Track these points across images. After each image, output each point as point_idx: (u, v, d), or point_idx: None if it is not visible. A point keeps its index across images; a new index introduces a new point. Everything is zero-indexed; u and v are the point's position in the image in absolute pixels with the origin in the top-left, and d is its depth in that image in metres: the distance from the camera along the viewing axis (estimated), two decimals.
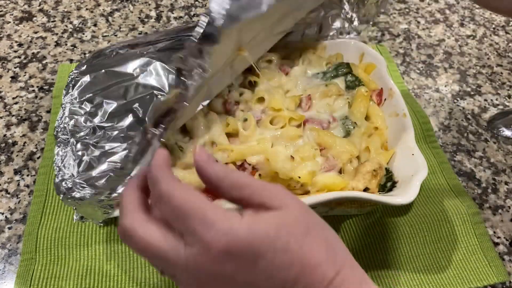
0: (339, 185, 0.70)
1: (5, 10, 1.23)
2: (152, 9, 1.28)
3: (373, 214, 0.84)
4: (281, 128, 0.74)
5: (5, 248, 0.76)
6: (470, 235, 0.81)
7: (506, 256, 0.80)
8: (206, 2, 1.32)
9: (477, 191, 0.90)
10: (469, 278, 0.76)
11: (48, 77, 1.05)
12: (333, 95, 0.81)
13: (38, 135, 0.93)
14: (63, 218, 0.79)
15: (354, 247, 0.79)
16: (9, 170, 0.87)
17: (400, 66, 1.15)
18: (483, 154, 0.96)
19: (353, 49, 0.93)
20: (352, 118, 0.79)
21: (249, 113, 0.76)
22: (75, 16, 1.23)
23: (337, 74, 0.85)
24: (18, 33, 1.16)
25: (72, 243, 0.76)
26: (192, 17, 1.26)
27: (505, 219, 0.86)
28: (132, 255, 0.76)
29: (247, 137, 0.73)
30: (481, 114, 1.05)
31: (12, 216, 0.80)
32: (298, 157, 0.70)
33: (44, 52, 1.11)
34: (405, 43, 1.22)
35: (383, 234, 0.81)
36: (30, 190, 0.83)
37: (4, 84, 1.03)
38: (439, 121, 1.02)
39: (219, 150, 0.71)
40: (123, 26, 1.21)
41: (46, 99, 1.00)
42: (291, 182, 0.68)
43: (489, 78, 1.14)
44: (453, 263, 0.78)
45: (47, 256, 0.74)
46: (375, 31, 1.26)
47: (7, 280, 0.73)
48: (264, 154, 0.70)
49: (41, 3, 1.26)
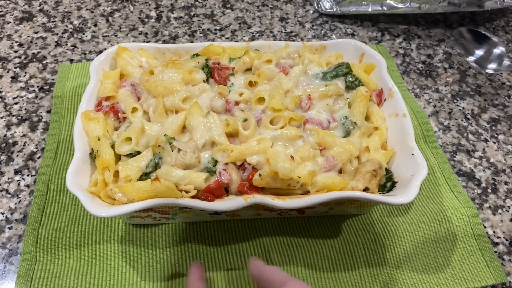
0: (339, 185, 0.70)
1: (6, 10, 1.23)
2: (152, 9, 1.28)
3: (373, 213, 0.84)
4: (281, 128, 0.74)
5: (5, 248, 0.76)
6: (469, 236, 0.81)
7: (506, 256, 0.81)
8: (206, 2, 1.32)
9: (477, 191, 0.90)
10: (467, 278, 0.76)
11: (49, 77, 1.05)
12: (333, 95, 0.81)
13: (39, 135, 0.93)
14: (63, 218, 0.79)
15: (353, 246, 0.79)
16: (10, 170, 0.87)
17: (400, 66, 1.15)
18: (483, 154, 0.97)
19: (353, 49, 0.93)
20: (352, 118, 0.79)
21: (249, 113, 0.76)
22: (75, 16, 1.23)
23: (337, 74, 0.85)
24: (18, 33, 1.16)
25: (72, 243, 0.76)
26: (192, 17, 1.26)
27: (505, 219, 0.86)
28: (131, 255, 0.76)
29: (247, 137, 0.73)
30: (481, 114, 1.05)
31: (13, 216, 0.80)
32: (298, 157, 0.70)
33: (44, 52, 1.11)
34: (405, 43, 1.23)
35: (382, 233, 0.81)
36: (30, 190, 0.84)
37: (5, 84, 1.03)
38: (439, 121, 1.02)
39: (219, 150, 0.71)
40: (123, 26, 1.21)
41: (47, 99, 1.00)
42: (291, 182, 0.68)
43: (489, 78, 1.14)
44: (452, 263, 0.78)
45: (47, 256, 0.74)
46: (375, 31, 1.26)
47: (8, 280, 0.73)
48: (264, 154, 0.70)
49: (42, 3, 1.26)
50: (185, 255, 0.76)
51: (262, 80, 0.83)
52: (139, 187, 0.66)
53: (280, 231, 0.81)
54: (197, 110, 0.75)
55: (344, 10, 1.26)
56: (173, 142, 0.70)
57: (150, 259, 0.76)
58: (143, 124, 0.74)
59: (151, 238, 0.78)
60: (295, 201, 0.66)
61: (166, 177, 0.66)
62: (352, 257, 0.78)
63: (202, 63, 0.84)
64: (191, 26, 1.23)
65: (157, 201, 0.64)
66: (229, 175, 0.70)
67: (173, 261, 0.76)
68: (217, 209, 0.66)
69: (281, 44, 0.92)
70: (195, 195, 0.67)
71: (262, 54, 0.86)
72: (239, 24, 1.25)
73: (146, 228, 0.79)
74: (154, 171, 0.69)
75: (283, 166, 0.66)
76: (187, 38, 1.19)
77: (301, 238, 0.80)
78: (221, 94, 0.79)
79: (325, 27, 1.26)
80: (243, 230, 0.80)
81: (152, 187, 0.65)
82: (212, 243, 0.78)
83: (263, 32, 1.23)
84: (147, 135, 0.73)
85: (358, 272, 0.76)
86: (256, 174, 0.69)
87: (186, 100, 0.77)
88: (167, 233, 0.79)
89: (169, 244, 0.78)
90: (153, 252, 0.77)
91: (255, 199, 0.66)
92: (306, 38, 1.22)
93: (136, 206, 0.64)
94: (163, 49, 0.91)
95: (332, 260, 0.77)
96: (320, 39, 1.22)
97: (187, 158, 0.69)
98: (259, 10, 1.30)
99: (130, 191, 0.65)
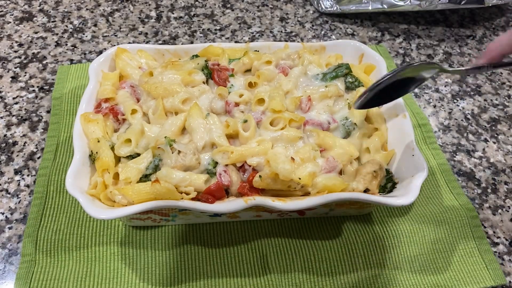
0: (339, 186, 0.70)
1: (6, 10, 1.23)
2: (152, 9, 1.28)
3: (372, 214, 0.84)
4: (281, 130, 0.74)
5: (5, 248, 0.76)
6: (468, 237, 0.81)
7: (506, 256, 0.81)
8: (206, 2, 1.32)
9: (477, 191, 0.90)
10: (466, 280, 0.76)
11: (49, 77, 1.05)
12: (333, 96, 0.81)
13: (39, 135, 0.93)
14: (63, 220, 0.79)
15: (352, 247, 0.79)
16: (10, 170, 0.87)
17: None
18: (483, 154, 0.96)
19: (352, 50, 0.93)
20: (352, 119, 0.79)
21: (249, 115, 0.76)
22: (75, 16, 1.23)
23: (337, 75, 0.84)
24: (18, 33, 1.16)
25: (71, 245, 0.76)
26: (192, 17, 1.26)
27: (505, 219, 0.86)
28: (131, 257, 0.76)
29: (247, 138, 0.73)
30: (481, 114, 1.05)
31: (13, 216, 0.80)
32: (299, 159, 0.70)
33: (44, 52, 1.11)
34: (405, 43, 1.22)
35: (382, 234, 0.81)
36: (30, 190, 0.84)
37: (5, 84, 1.03)
38: (439, 121, 1.02)
39: (219, 152, 0.71)
40: (123, 26, 1.21)
41: (46, 99, 1.00)
42: (292, 183, 0.68)
43: (489, 78, 1.14)
44: (451, 264, 0.78)
45: (46, 258, 0.74)
46: (375, 31, 1.26)
47: (7, 280, 0.73)
48: (265, 155, 0.70)
49: (42, 3, 1.26)
50: (185, 257, 0.76)
51: (262, 81, 0.83)
52: (139, 189, 0.66)
53: (280, 233, 0.81)
54: (197, 111, 0.75)
55: (344, 9, 1.26)
56: (173, 144, 0.70)
57: (150, 261, 0.76)
58: (142, 125, 0.74)
59: (151, 240, 0.78)
60: (295, 203, 0.66)
61: (166, 179, 0.66)
62: (351, 258, 0.78)
63: (201, 64, 0.84)
64: (191, 26, 1.23)
65: (157, 203, 0.64)
66: (229, 177, 0.70)
67: (173, 263, 0.76)
68: (217, 211, 0.66)
69: (280, 45, 0.92)
70: (195, 197, 0.67)
71: (261, 55, 0.86)
72: (239, 24, 1.25)
73: (146, 230, 0.79)
74: (154, 173, 0.69)
75: (283, 167, 0.66)
76: (187, 38, 1.19)
77: (300, 239, 0.80)
78: (221, 95, 0.79)
79: (325, 27, 1.26)
80: (243, 232, 0.80)
81: (152, 189, 0.65)
82: (212, 245, 0.78)
83: (263, 32, 1.22)
84: (147, 136, 0.73)
85: (357, 273, 0.76)
86: (257, 176, 0.69)
87: (186, 101, 0.77)
88: (167, 235, 0.79)
89: (169, 246, 0.78)
90: (153, 254, 0.77)
91: (256, 200, 0.66)
92: (306, 38, 1.22)
93: (136, 208, 0.64)
94: (162, 50, 0.91)
95: (331, 262, 0.77)
96: (320, 39, 1.22)
97: (187, 160, 0.69)
98: (259, 10, 1.30)
99: (130, 193, 0.65)
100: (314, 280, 0.75)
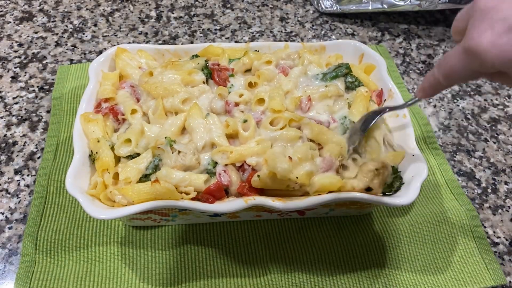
0: (336, 184, 0.69)
1: (5, 10, 1.23)
2: (152, 9, 1.28)
3: (372, 214, 0.84)
4: (281, 129, 0.74)
5: (5, 248, 0.76)
6: (468, 237, 0.81)
7: (506, 256, 0.81)
8: (206, 2, 1.32)
9: (477, 191, 0.90)
10: (466, 280, 0.76)
11: (48, 77, 1.05)
12: (333, 96, 0.81)
13: (39, 135, 0.93)
14: (63, 220, 0.79)
15: (352, 247, 0.79)
16: (9, 170, 0.87)
17: (400, 66, 1.15)
18: (483, 154, 0.96)
19: (352, 49, 0.93)
20: (351, 118, 0.79)
21: (249, 114, 0.76)
22: (75, 16, 1.23)
23: (337, 75, 0.84)
24: (18, 33, 1.16)
25: (71, 245, 0.76)
26: (192, 17, 1.26)
27: (505, 219, 0.86)
28: (131, 257, 0.76)
29: (247, 138, 0.73)
30: (481, 114, 1.05)
31: (13, 216, 0.80)
32: (296, 158, 0.69)
33: (44, 52, 1.11)
34: (405, 43, 1.22)
35: (382, 234, 0.81)
36: (30, 190, 0.84)
37: (5, 84, 1.03)
38: (439, 121, 1.02)
39: (219, 152, 0.71)
40: (123, 26, 1.21)
41: (46, 99, 1.00)
42: (290, 182, 0.68)
43: None
44: (451, 264, 0.78)
45: (46, 258, 0.74)
46: (375, 31, 1.25)
47: (8, 280, 0.73)
48: (264, 155, 0.70)
49: (41, 3, 1.26)
50: (185, 257, 0.77)
51: (262, 81, 0.82)
52: (139, 189, 0.66)
53: (280, 233, 0.81)
54: (196, 111, 0.75)
55: (344, 9, 1.25)
56: (173, 144, 0.70)
57: (150, 261, 0.76)
58: (142, 125, 0.74)
59: (151, 240, 0.78)
60: (295, 203, 0.66)
61: (166, 179, 0.66)
62: (352, 258, 0.78)
63: (201, 64, 0.84)
64: (191, 26, 1.23)
65: (157, 203, 0.64)
66: (229, 177, 0.70)
67: (173, 263, 0.76)
68: (217, 211, 0.66)
69: (280, 45, 0.92)
70: (195, 196, 0.67)
71: (261, 55, 0.86)
72: (239, 24, 1.25)
73: (145, 230, 0.79)
74: (154, 173, 0.69)
75: (281, 166, 0.66)
76: (187, 38, 1.19)
77: (300, 239, 0.80)
78: (221, 95, 0.79)
79: (325, 27, 1.25)
80: (243, 232, 0.80)
81: (152, 189, 0.65)
82: (212, 245, 0.78)
83: (263, 32, 1.22)
84: (147, 136, 0.73)
85: (357, 273, 0.76)
86: (255, 176, 0.68)
87: (186, 101, 0.77)
88: (167, 235, 0.79)
89: (169, 246, 0.78)
90: (153, 254, 0.77)
91: (256, 200, 0.66)
92: (306, 38, 1.22)
93: (136, 208, 0.64)
94: (162, 50, 0.91)
95: (331, 262, 0.77)
96: (320, 39, 1.22)
97: (187, 160, 0.69)
98: (259, 10, 1.30)
99: (130, 193, 0.65)
100: (314, 280, 0.75)
